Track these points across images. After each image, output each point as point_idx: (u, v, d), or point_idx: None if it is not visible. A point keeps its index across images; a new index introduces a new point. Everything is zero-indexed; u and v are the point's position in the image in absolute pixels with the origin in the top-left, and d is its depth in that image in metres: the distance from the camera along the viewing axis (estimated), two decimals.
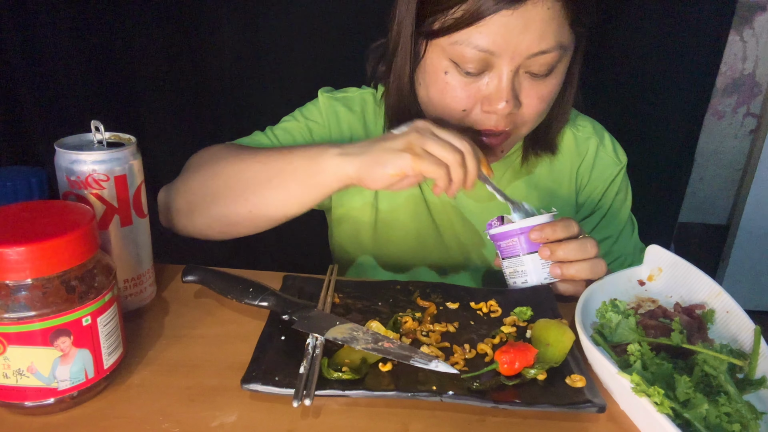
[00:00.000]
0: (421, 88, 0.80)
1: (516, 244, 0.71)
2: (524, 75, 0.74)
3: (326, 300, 0.69)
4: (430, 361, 0.56)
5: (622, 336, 0.61)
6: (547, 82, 0.75)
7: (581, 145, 0.93)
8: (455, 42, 0.71)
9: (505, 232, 0.71)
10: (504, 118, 0.75)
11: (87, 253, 0.51)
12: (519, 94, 0.74)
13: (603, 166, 0.94)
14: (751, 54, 2.01)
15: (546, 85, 0.75)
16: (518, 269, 0.72)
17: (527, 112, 0.77)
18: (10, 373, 0.49)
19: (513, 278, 0.73)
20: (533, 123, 0.80)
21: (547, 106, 0.78)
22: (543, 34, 0.70)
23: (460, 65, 0.73)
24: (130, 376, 0.57)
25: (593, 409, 0.53)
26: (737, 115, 2.09)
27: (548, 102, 0.78)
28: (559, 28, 0.71)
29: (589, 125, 0.95)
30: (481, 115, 0.76)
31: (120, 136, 0.65)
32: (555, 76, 0.76)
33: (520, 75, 0.74)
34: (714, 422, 0.50)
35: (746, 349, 0.61)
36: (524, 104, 0.76)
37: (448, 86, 0.75)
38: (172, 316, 0.67)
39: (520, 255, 0.71)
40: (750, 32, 1.97)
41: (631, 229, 0.97)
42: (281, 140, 0.89)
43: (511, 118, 0.76)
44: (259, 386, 0.54)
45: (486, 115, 0.75)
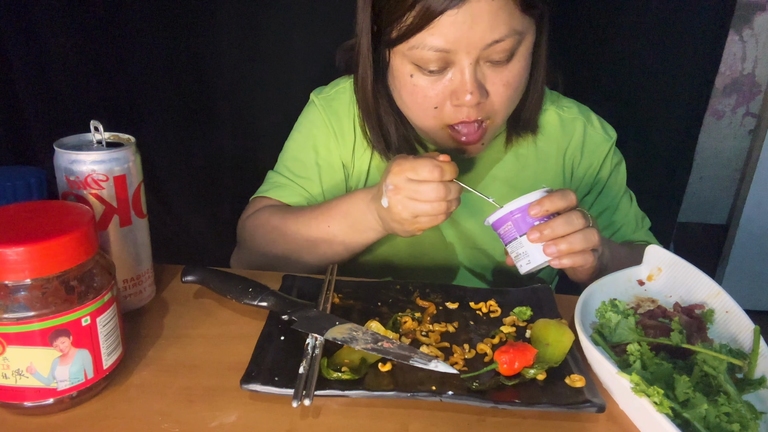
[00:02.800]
0: (395, 93, 0.84)
1: (512, 228, 0.70)
2: (485, 65, 0.76)
3: (326, 300, 0.68)
4: (429, 361, 0.56)
5: (621, 336, 0.61)
6: (510, 67, 0.77)
7: (567, 126, 0.94)
8: (412, 47, 0.74)
9: (500, 217, 0.70)
10: (474, 109, 0.77)
11: (86, 254, 0.51)
12: (484, 83, 0.77)
13: (594, 144, 0.95)
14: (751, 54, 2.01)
15: (510, 70, 0.77)
16: (520, 252, 0.70)
17: (497, 100, 0.78)
18: (9, 374, 0.49)
19: (519, 262, 0.71)
20: (506, 110, 0.82)
21: (515, 90, 0.80)
22: (493, 25, 0.72)
23: (422, 67, 0.76)
24: (129, 377, 0.57)
25: (593, 409, 0.53)
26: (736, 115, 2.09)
27: (516, 87, 0.79)
28: (509, 15, 0.73)
29: (575, 106, 0.96)
30: (452, 109, 0.78)
31: (119, 136, 0.65)
32: (518, 60, 0.77)
33: (482, 65, 0.76)
34: (713, 422, 0.50)
35: (746, 349, 0.61)
36: (491, 92, 0.77)
37: (416, 88, 0.78)
38: (171, 316, 0.67)
39: (517, 237, 0.70)
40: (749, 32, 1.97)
41: (629, 198, 0.99)
42: (296, 172, 0.94)
43: (481, 108, 0.78)
44: (259, 386, 0.54)
45: (457, 109, 0.78)
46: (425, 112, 0.80)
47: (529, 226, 0.69)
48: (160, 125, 1.66)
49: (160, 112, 1.65)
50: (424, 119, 0.81)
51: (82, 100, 1.60)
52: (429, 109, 0.79)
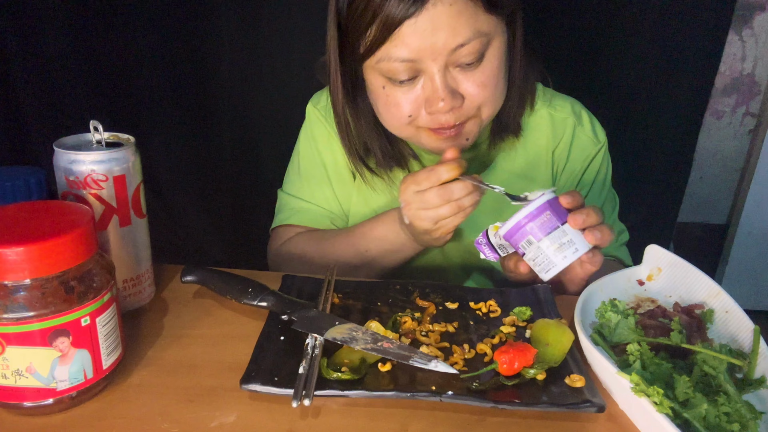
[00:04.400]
0: (373, 106, 0.83)
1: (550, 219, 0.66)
2: (455, 69, 0.75)
3: (325, 300, 0.68)
4: (429, 361, 0.56)
5: (621, 336, 0.61)
6: (482, 68, 0.76)
7: (558, 126, 0.92)
8: (379, 60, 0.74)
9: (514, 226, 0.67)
10: (449, 115, 0.76)
11: (86, 254, 0.51)
12: (457, 87, 0.75)
13: (581, 145, 0.93)
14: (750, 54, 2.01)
15: (482, 72, 0.76)
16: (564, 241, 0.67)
17: (473, 103, 0.77)
18: (9, 374, 0.49)
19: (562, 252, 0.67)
20: (490, 107, 0.80)
21: (493, 90, 0.78)
22: (455, 29, 0.71)
23: (392, 78, 0.75)
24: (129, 377, 0.57)
25: (592, 409, 0.53)
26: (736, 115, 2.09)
27: (494, 86, 0.78)
28: (471, 18, 0.72)
29: (568, 105, 0.94)
30: (427, 117, 0.77)
31: (119, 136, 0.65)
32: (489, 61, 0.76)
33: (451, 70, 0.75)
34: (713, 422, 0.50)
35: (745, 348, 0.60)
36: (467, 95, 0.76)
37: (389, 98, 0.78)
38: (171, 316, 0.67)
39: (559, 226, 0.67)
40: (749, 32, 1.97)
41: (612, 208, 0.98)
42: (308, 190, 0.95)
43: (458, 113, 0.77)
44: (259, 386, 0.54)
45: (432, 117, 0.77)
46: (400, 121, 0.79)
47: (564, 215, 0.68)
48: (160, 125, 1.66)
49: (160, 112, 1.65)
50: (401, 129, 0.81)
51: (82, 100, 1.60)
52: (404, 118, 0.78)
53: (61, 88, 1.60)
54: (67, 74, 1.58)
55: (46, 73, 1.58)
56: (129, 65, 1.60)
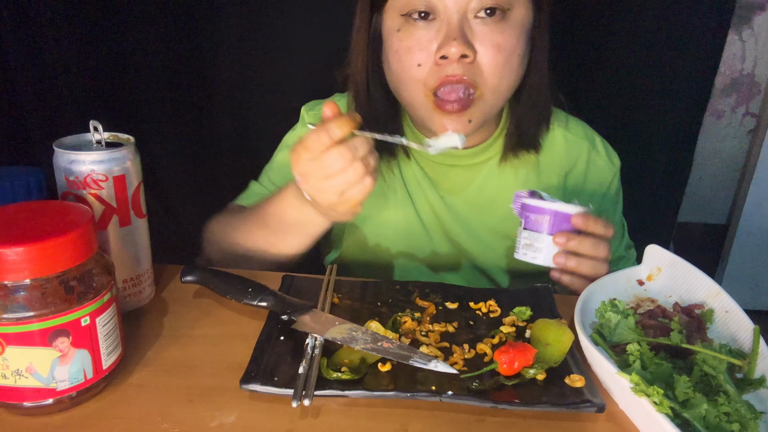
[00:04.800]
0: (386, 66, 0.81)
1: (543, 222, 0.72)
2: (475, 20, 0.73)
3: (325, 300, 0.68)
4: (429, 361, 0.56)
5: (621, 336, 0.61)
6: (501, 28, 0.74)
7: (572, 149, 0.92)
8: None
9: (540, 207, 0.72)
10: (459, 65, 0.73)
11: (86, 254, 0.51)
12: (473, 40, 0.73)
13: (598, 171, 0.93)
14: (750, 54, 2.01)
15: (500, 32, 0.74)
16: (535, 245, 0.73)
17: (486, 62, 0.74)
18: (8, 374, 0.49)
19: (525, 251, 0.74)
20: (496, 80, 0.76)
21: (507, 59, 0.75)
22: None
23: (408, 14, 0.74)
24: (129, 377, 0.57)
25: (592, 409, 0.53)
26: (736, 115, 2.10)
27: (507, 55, 0.75)
28: None
29: (581, 129, 0.94)
30: (435, 68, 0.74)
31: (118, 136, 0.65)
32: (510, 26, 0.74)
33: (470, 20, 0.73)
34: (713, 422, 0.50)
35: (745, 348, 0.61)
36: (480, 52, 0.74)
37: (401, 43, 0.75)
38: (171, 316, 0.67)
39: (542, 233, 0.72)
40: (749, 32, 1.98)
41: (622, 231, 0.98)
42: (275, 182, 0.92)
43: (468, 67, 0.74)
44: (258, 386, 0.53)
45: (440, 66, 0.74)
46: (409, 72, 0.76)
47: (558, 229, 0.71)
48: (160, 125, 1.66)
49: (160, 112, 1.65)
50: (409, 83, 0.77)
51: (82, 100, 1.60)
52: (413, 67, 0.75)
53: (61, 88, 1.59)
54: (67, 74, 1.58)
55: (46, 73, 1.58)
56: (129, 65, 1.60)
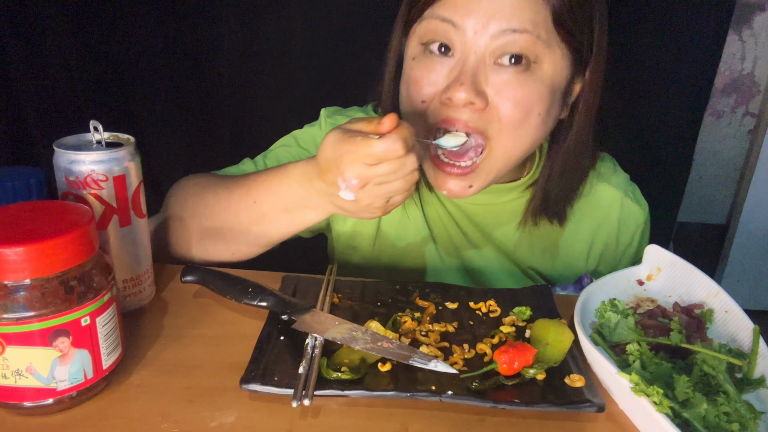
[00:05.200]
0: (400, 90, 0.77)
1: None
2: (493, 66, 0.67)
3: (325, 300, 0.68)
4: (429, 361, 0.56)
5: (621, 336, 0.61)
6: (521, 81, 0.66)
7: (603, 202, 0.86)
8: (422, 19, 0.69)
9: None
10: (464, 111, 0.67)
11: (86, 254, 0.51)
12: (486, 87, 0.67)
13: (631, 219, 0.88)
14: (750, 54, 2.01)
15: (520, 84, 0.66)
16: None
17: (497, 116, 0.67)
18: (9, 374, 0.49)
19: None
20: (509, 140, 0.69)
21: (523, 116, 0.68)
22: (513, 11, 0.64)
23: (426, 44, 0.69)
24: (129, 377, 0.57)
25: (592, 409, 0.53)
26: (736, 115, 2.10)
27: (525, 111, 0.68)
28: (536, 13, 0.65)
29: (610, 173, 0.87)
30: (439, 106, 0.69)
31: (119, 136, 0.65)
32: (533, 79, 0.67)
33: (488, 65, 0.67)
34: (713, 422, 0.50)
35: (745, 348, 0.61)
36: (492, 103, 0.67)
37: (412, 74, 0.71)
38: (171, 316, 0.67)
39: None
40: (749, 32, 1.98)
41: None
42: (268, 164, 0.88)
43: (474, 114, 0.68)
44: (258, 386, 0.54)
45: (444, 107, 0.69)
46: (413, 105, 0.71)
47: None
48: (160, 125, 1.66)
49: (160, 112, 1.65)
50: (408, 115, 0.73)
51: (82, 100, 1.60)
52: (417, 102, 0.71)
53: (61, 88, 1.59)
54: (67, 74, 1.58)
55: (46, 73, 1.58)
56: (129, 65, 1.60)
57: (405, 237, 0.90)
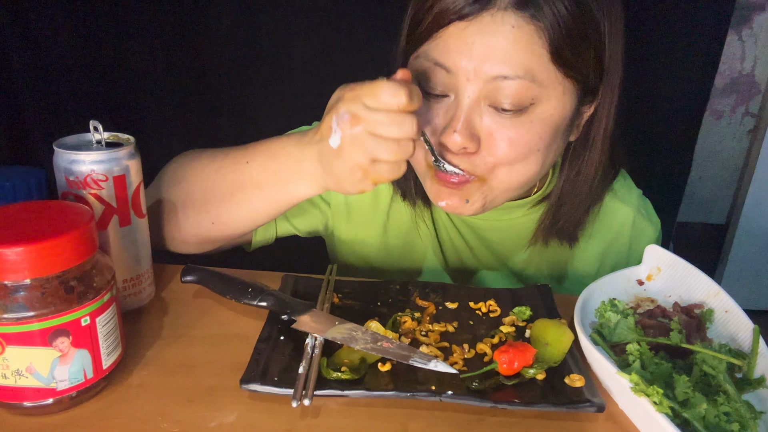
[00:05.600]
0: None
1: None
2: (488, 108, 0.65)
3: (325, 300, 0.69)
4: (429, 361, 0.56)
5: (621, 336, 0.61)
6: (517, 123, 0.65)
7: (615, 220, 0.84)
8: (418, 56, 0.67)
9: None
10: (459, 158, 0.66)
11: (86, 254, 0.51)
12: (480, 130, 0.65)
13: (643, 237, 0.87)
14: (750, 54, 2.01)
15: (515, 126, 0.65)
16: None
17: (491, 158, 0.66)
18: (8, 374, 0.49)
19: None
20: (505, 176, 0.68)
21: (519, 156, 0.66)
22: (505, 56, 0.62)
23: (422, 85, 0.66)
24: (129, 377, 0.57)
25: (592, 409, 0.53)
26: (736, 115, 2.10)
27: (521, 152, 0.66)
28: (531, 55, 0.62)
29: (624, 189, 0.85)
30: (438, 148, 0.67)
31: (119, 136, 0.65)
32: (530, 120, 0.65)
33: (482, 108, 0.65)
34: (713, 422, 0.50)
35: (745, 348, 0.61)
36: (485, 144, 0.66)
37: None
38: (171, 316, 0.67)
39: None
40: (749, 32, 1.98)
41: None
42: None
43: (468, 159, 0.67)
44: (258, 386, 0.54)
45: (442, 149, 0.67)
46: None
47: None
48: (160, 125, 1.66)
49: (160, 112, 1.65)
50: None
51: (82, 100, 1.60)
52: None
53: (61, 88, 1.59)
54: (67, 74, 1.58)
55: (46, 73, 1.58)
56: (129, 65, 1.60)
57: (412, 250, 0.89)
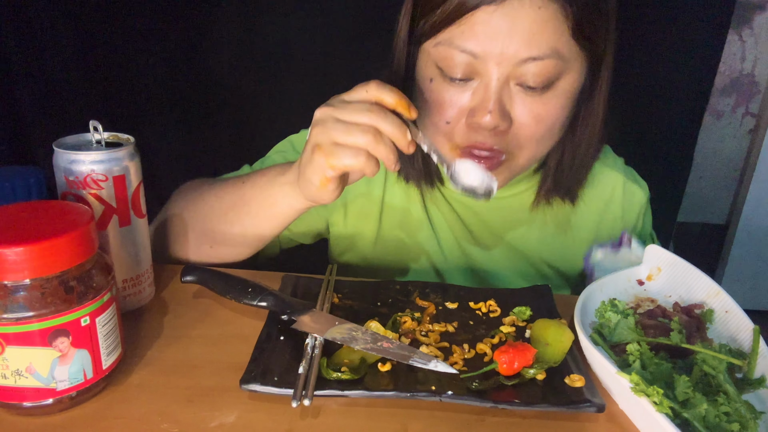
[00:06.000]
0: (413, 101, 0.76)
1: None
2: (516, 88, 0.67)
3: (325, 300, 0.68)
4: (429, 361, 0.56)
5: (621, 336, 0.61)
6: (544, 99, 0.67)
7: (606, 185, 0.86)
8: (439, 43, 0.67)
9: None
10: (491, 135, 0.68)
11: (85, 254, 0.51)
12: (510, 109, 0.67)
13: (635, 200, 0.89)
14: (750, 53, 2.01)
15: (543, 102, 0.67)
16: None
17: (522, 133, 0.69)
18: (8, 374, 0.49)
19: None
20: (532, 150, 0.72)
21: (547, 130, 0.70)
22: (533, 38, 0.63)
23: (444, 71, 0.67)
24: (128, 377, 0.57)
25: (592, 409, 0.53)
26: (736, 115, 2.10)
27: (549, 125, 0.69)
28: (555, 33, 0.64)
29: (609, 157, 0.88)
30: (465, 130, 0.69)
31: (118, 136, 0.65)
32: (555, 95, 0.68)
33: (511, 87, 0.67)
34: (713, 422, 0.50)
35: (745, 348, 0.61)
36: (517, 123, 0.68)
37: (432, 95, 0.70)
38: (170, 316, 0.67)
39: None
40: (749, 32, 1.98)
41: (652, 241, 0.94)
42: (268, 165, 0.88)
43: (500, 137, 0.68)
44: (258, 386, 0.54)
45: (471, 130, 0.68)
46: (436, 126, 0.71)
47: None
48: (160, 125, 1.66)
49: (160, 112, 1.65)
50: (434, 135, 0.72)
51: (81, 99, 1.60)
52: (440, 123, 0.70)
53: (61, 88, 1.59)
54: (67, 74, 1.58)
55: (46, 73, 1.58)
56: (129, 65, 1.60)
57: (407, 237, 0.90)
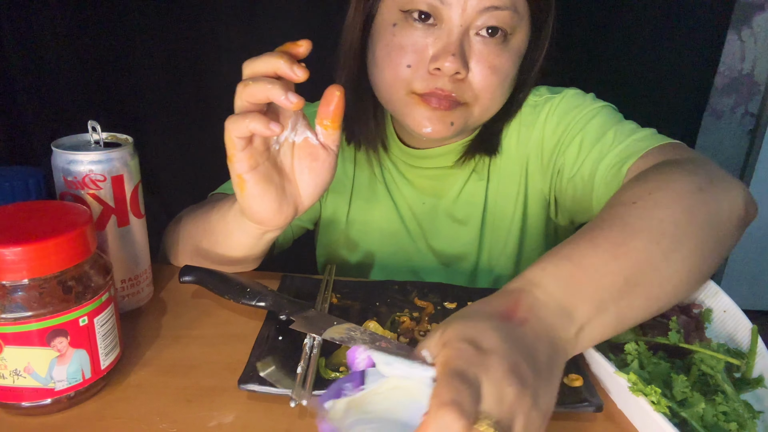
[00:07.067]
0: (370, 54, 0.77)
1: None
2: (475, 38, 0.71)
3: (324, 300, 0.69)
4: None
5: (619, 335, 0.61)
6: (500, 52, 0.71)
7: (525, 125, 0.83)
8: None
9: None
10: (451, 82, 0.71)
11: (84, 254, 0.51)
12: (469, 59, 0.71)
13: (551, 111, 0.82)
14: (750, 54, 2.01)
15: (499, 55, 0.71)
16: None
17: (477, 82, 0.72)
18: (6, 374, 0.49)
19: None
20: (486, 102, 0.74)
21: (501, 82, 0.73)
22: None
23: (408, 11, 0.70)
24: (127, 377, 0.57)
25: (590, 409, 0.53)
26: (736, 115, 2.10)
27: (500, 79, 0.73)
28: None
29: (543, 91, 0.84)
30: (425, 75, 0.71)
31: (117, 137, 0.65)
32: (509, 49, 0.72)
33: (471, 37, 0.71)
34: (711, 421, 0.50)
35: (743, 348, 0.61)
36: (474, 71, 0.71)
37: (394, 40, 0.72)
38: (169, 316, 0.67)
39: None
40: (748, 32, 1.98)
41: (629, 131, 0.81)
42: None
43: (458, 85, 0.71)
44: (257, 386, 0.54)
45: (431, 76, 0.71)
46: (396, 71, 0.72)
47: None
48: (159, 125, 1.67)
49: (159, 112, 1.66)
50: (393, 82, 0.73)
51: (81, 100, 1.61)
52: (401, 66, 0.71)
53: (60, 88, 1.60)
54: (67, 74, 1.59)
55: (45, 73, 1.58)
56: (128, 65, 1.60)
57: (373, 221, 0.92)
